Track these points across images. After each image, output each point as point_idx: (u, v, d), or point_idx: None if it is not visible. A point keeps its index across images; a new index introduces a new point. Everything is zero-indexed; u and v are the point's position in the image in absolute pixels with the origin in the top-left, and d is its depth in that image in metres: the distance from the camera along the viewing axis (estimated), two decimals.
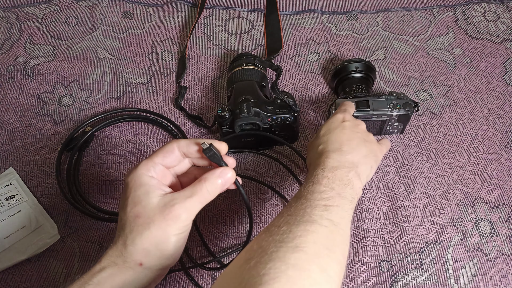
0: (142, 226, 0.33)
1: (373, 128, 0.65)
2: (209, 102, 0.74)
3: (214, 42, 0.84)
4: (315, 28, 0.85)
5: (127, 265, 0.33)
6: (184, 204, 0.34)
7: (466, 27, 0.84)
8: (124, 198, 0.35)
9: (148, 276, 0.34)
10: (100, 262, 0.34)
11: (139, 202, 0.34)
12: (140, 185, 0.34)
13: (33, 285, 0.53)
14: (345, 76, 0.68)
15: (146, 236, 0.33)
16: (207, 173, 0.36)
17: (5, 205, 0.60)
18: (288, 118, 0.60)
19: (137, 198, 0.34)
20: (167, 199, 0.34)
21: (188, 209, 0.34)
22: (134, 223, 0.33)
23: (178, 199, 0.34)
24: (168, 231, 0.33)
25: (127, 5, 0.89)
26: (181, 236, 0.34)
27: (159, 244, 0.33)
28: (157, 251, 0.33)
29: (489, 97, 0.72)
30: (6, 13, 0.88)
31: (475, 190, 0.61)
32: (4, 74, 0.78)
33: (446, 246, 0.56)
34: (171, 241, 0.34)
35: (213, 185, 0.35)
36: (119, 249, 0.34)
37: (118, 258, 0.34)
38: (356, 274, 0.54)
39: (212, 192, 0.35)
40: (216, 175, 0.36)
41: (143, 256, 0.33)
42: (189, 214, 0.34)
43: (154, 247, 0.33)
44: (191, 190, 0.35)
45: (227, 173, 0.36)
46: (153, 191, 0.34)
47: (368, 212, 0.59)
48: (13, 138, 0.69)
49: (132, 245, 0.33)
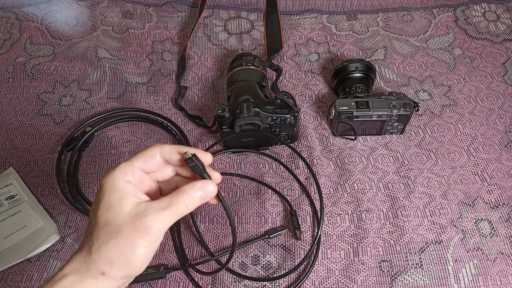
0: (109, 234, 0.31)
1: (373, 128, 0.65)
2: (209, 102, 0.74)
3: (214, 42, 0.84)
4: (315, 28, 0.85)
5: (89, 273, 0.32)
6: (157, 216, 0.32)
7: (466, 27, 0.84)
8: (96, 201, 0.33)
9: (111, 285, 0.33)
10: (63, 269, 0.32)
11: (110, 208, 0.32)
12: (115, 189, 0.32)
13: (33, 285, 0.53)
14: (345, 76, 0.68)
15: (112, 246, 0.31)
16: (187, 184, 0.33)
17: (5, 205, 0.60)
18: (288, 118, 0.60)
19: (109, 204, 0.32)
20: (140, 209, 0.32)
21: (161, 221, 0.32)
22: (102, 229, 0.32)
23: (152, 210, 0.32)
24: (136, 243, 0.31)
25: (127, 5, 0.89)
26: (150, 249, 0.32)
27: (125, 255, 0.31)
28: (122, 261, 0.32)
29: (489, 97, 0.72)
30: (6, 13, 0.88)
31: (475, 190, 0.61)
32: (4, 74, 0.78)
33: (446, 246, 0.56)
34: (138, 253, 0.32)
35: (191, 198, 0.33)
36: (83, 255, 0.32)
37: (81, 264, 0.32)
38: (356, 274, 0.54)
39: (190, 205, 0.33)
40: (196, 188, 0.33)
41: (106, 266, 0.31)
42: (161, 227, 0.32)
43: (120, 258, 0.31)
44: (166, 201, 0.32)
45: (208, 186, 0.34)
46: (127, 198, 0.32)
47: (368, 212, 0.59)
48: (13, 138, 0.69)
49: (97, 253, 0.31)
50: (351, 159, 0.65)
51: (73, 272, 0.32)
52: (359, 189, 0.62)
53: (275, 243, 0.57)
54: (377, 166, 0.64)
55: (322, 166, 0.64)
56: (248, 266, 0.55)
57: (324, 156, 0.66)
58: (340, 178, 0.63)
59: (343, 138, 0.68)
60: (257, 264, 0.55)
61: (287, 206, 0.60)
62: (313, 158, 0.64)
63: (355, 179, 0.63)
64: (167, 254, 0.56)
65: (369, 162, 0.65)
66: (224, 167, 0.65)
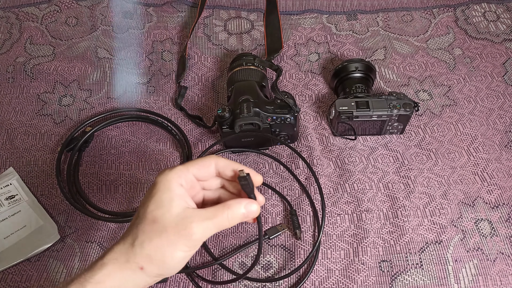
0: (154, 232, 0.33)
1: (373, 128, 0.65)
2: (209, 102, 0.74)
3: (214, 42, 0.84)
4: (315, 28, 0.85)
5: (128, 265, 0.33)
6: (201, 224, 0.33)
7: (466, 27, 0.84)
8: (148, 196, 0.34)
9: (144, 281, 0.34)
10: (103, 257, 0.34)
11: (160, 206, 0.33)
12: (168, 189, 0.34)
13: (33, 285, 0.53)
14: (345, 76, 0.68)
15: (155, 244, 0.33)
16: (232, 200, 0.35)
17: (5, 205, 0.60)
18: (288, 118, 0.60)
19: (160, 202, 0.33)
20: (187, 214, 0.33)
21: (203, 230, 0.33)
22: (148, 226, 0.33)
23: (197, 217, 0.33)
24: (177, 246, 0.33)
25: (127, 5, 0.89)
26: (187, 254, 0.34)
27: (164, 255, 0.33)
28: (160, 261, 0.33)
29: (489, 97, 0.72)
30: (6, 13, 0.88)
31: (475, 190, 0.61)
32: (4, 74, 0.78)
33: (446, 246, 0.56)
34: (176, 256, 0.33)
35: (234, 213, 0.35)
36: (126, 247, 0.33)
37: (122, 256, 0.33)
38: (356, 274, 0.54)
39: (232, 220, 0.35)
40: (241, 205, 0.35)
41: (145, 261, 0.33)
42: (203, 235, 0.33)
43: (159, 257, 0.33)
44: (212, 212, 0.34)
45: (252, 206, 0.35)
46: (177, 200, 0.34)
47: (368, 212, 0.59)
48: (13, 138, 0.69)
49: (140, 248, 0.33)
50: (351, 159, 0.65)
51: (112, 262, 0.33)
52: (359, 189, 0.62)
53: (275, 243, 0.57)
54: (377, 166, 0.64)
55: (322, 166, 0.64)
56: (248, 266, 0.55)
57: (324, 156, 0.66)
58: (340, 178, 0.63)
59: (343, 138, 0.68)
60: (257, 264, 0.55)
61: (287, 206, 0.60)
62: (313, 158, 0.64)
63: (355, 179, 0.63)
64: None
65: (369, 162, 0.65)
66: None
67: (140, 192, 0.62)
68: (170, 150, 0.67)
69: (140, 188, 0.63)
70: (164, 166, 0.65)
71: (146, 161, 0.66)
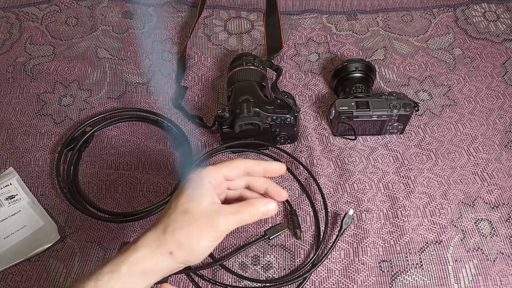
0: (185, 222, 0.37)
1: (373, 128, 0.65)
2: (209, 102, 0.74)
3: (214, 42, 0.84)
4: (315, 28, 0.85)
5: (159, 250, 0.36)
6: (227, 218, 0.37)
7: (466, 27, 0.84)
8: (181, 190, 0.39)
9: (172, 266, 0.37)
10: (136, 242, 0.37)
11: (192, 200, 0.38)
12: (200, 185, 0.38)
13: (33, 285, 0.53)
14: (345, 76, 0.68)
15: (185, 231, 0.36)
16: (255, 199, 0.40)
17: (5, 205, 0.60)
18: (288, 118, 0.60)
19: (192, 196, 0.38)
20: (214, 208, 0.38)
21: (228, 224, 0.37)
22: (180, 216, 0.37)
23: (223, 212, 0.37)
24: (204, 236, 0.37)
25: (127, 5, 0.89)
26: (211, 243, 0.38)
27: (192, 243, 0.36)
28: (188, 248, 0.37)
29: (489, 97, 0.72)
30: (6, 13, 0.88)
31: (475, 190, 0.61)
32: (4, 74, 0.78)
33: (446, 246, 0.56)
34: (202, 245, 0.37)
35: (255, 210, 0.39)
36: (158, 233, 0.37)
37: (154, 241, 0.37)
38: (356, 274, 0.54)
39: (253, 216, 0.39)
40: (261, 203, 0.39)
41: (175, 247, 0.36)
42: (227, 228, 0.38)
43: (188, 243, 0.36)
44: (236, 208, 0.38)
45: (271, 205, 0.40)
46: (207, 196, 0.38)
47: (368, 212, 0.59)
48: (13, 138, 0.69)
49: (171, 234, 0.36)
50: (351, 159, 0.65)
51: (145, 246, 0.36)
52: (359, 189, 0.62)
53: (275, 243, 0.57)
54: (377, 166, 0.64)
55: (322, 166, 0.64)
56: (248, 266, 0.55)
57: (324, 156, 0.66)
58: (340, 178, 0.63)
59: (343, 138, 0.68)
60: (257, 264, 0.55)
61: (287, 206, 0.60)
62: (313, 158, 0.64)
63: (355, 179, 0.63)
64: None
65: (369, 162, 0.65)
66: None
67: (140, 192, 0.62)
68: (170, 150, 0.67)
69: (140, 188, 0.63)
70: (164, 166, 0.65)
71: (146, 161, 0.66)
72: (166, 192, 0.62)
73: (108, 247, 0.57)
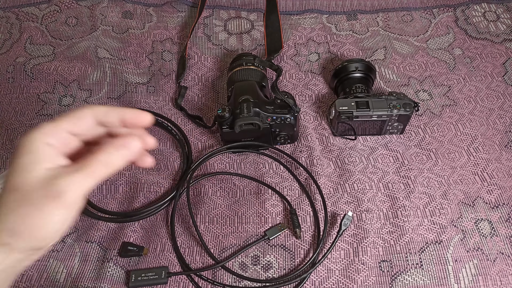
0: (17, 202, 0.28)
1: (373, 128, 0.65)
2: (209, 102, 0.74)
3: (214, 42, 0.84)
4: (315, 28, 0.85)
5: None
6: (71, 179, 0.28)
7: (466, 27, 0.84)
8: (11, 163, 0.30)
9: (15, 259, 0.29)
10: None
11: (21, 172, 0.29)
12: (30, 152, 0.29)
13: (33, 285, 0.53)
14: (345, 76, 0.68)
15: (19, 214, 0.28)
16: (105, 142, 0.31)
17: None
18: (288, 118, 0.60)
19: (21, 167, 0.29)
20: (53, 173, 0.29)
21: (75, 185, 0.28)
22: (9, 196, 0.28)
23: (64, 173, 0.29)
24: (47, 211, 0.28)
25: (127, 5, 0.89)
26: (64, 217, 0.29)
27: (34, 225, 0.28)
28: (29, 232, 0.28)
29: (489, 97, 0.72)
30: (6, 13, 0.88)
31: (475, 190, 0.61)
32: (4, 74, 0.78)
33: (446, 246, 0.56)
34: (49, 221, 0.28)
35: (110, 155, 0.30)
36: None
37: None
38: (356, 274, 0.54)
39: (109, 164, 0.30)
40: (116, 144, 0.31)
41: (9, 236, 0.28)
42: (77, 192, 0.28)
43: (28, 228, 0.28)
44: (82, 162, 0.29)
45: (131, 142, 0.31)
46: (41, 162, 0.29)
47: (368, 212, 0.59)
48: (13, 138, 0.69)
49: (3, 222, 0.28)
50: (351, 159, 0.65)
51: None
52: (359, 189, 0.62)
53: (275, 243, 0.57)
54: (377, 166, 0.64)
55: (322, 166, 0.64)
56: (248, 266, 0.55)
57: (324, 156, 0.66)
58: (340, 178, 0.63)
59: (343, 138, 0.68)
60: (257, 264, 0.55)
61: (287, 206, 0.60)
62: (313, 158, 0.64)
63: (355, 179, 0.63)
64: (167, 254, 0.56)
65: (369, 162, 0.65)
66: (224, 167, 0.65)
67: (140, 192, 0.62)
68: (170, 150, 0.67)
69: (140, 188, 0.63)
70: (164, 166, 0.65)
71: None
72: (166, 192, 0.62)
73: (108, 247, 0.57)
